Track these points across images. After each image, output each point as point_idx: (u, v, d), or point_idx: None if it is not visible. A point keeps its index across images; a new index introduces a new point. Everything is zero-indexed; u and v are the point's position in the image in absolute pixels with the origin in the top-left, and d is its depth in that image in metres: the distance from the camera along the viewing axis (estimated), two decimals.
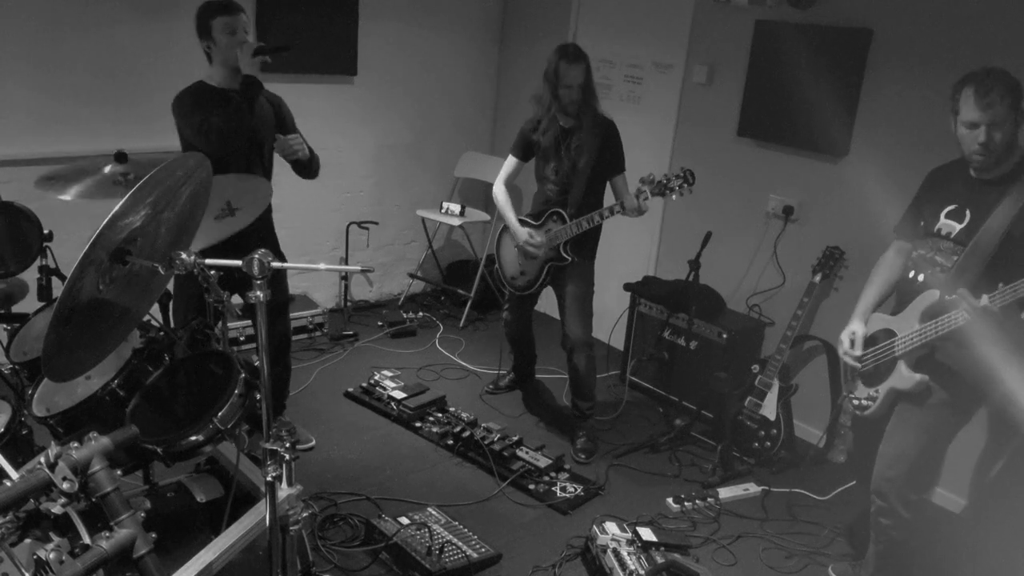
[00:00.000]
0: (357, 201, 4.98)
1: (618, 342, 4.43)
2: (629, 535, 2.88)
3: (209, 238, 2.37)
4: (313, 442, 3.51)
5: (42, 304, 2.79)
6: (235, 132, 2.86)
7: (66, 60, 3.72)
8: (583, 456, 3.63)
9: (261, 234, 3.05)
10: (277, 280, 3.23)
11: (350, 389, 4.01)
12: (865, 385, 2.61)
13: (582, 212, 3.48)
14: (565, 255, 3.55)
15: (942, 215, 2.46)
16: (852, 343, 2.62)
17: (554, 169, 3.54)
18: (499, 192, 3.69)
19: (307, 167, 3.24)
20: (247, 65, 2.87)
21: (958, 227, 2.41)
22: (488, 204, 5.47)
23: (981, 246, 2.31)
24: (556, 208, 3.54)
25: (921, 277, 2.49)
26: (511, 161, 3.67)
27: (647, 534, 2.89)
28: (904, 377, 2.46)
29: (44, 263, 2.90)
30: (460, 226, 5.05)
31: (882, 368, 2.54)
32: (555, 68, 3.36)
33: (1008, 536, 2.89)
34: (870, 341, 2.60)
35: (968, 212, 2.39)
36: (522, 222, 3.64)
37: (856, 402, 2.61)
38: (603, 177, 3.54)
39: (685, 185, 3.33)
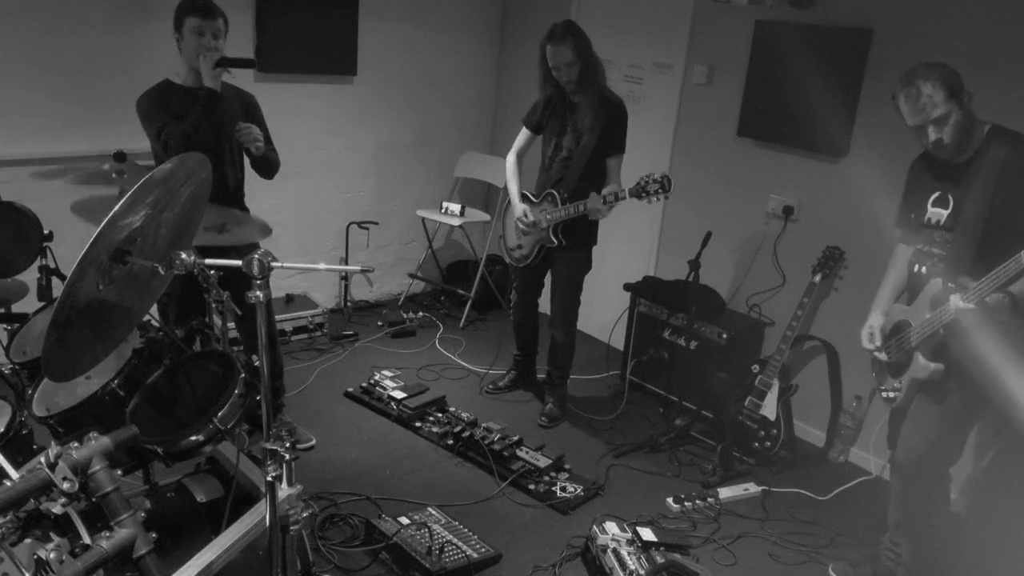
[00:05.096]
0: (357, 201, 4.98)
1: (618, 342, 4.43)
2: (629, 535, 2.88)
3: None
4: (313, 442, 3.51)
5: (42, 304, 2.79)
6: (191, 143, 2.85)
7: (66, 61, 3.72)
8: (545, 420, 3.86)
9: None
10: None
11: (350, 389, 4.01)
12: (892, 377, 2.63)
13: (577, 195, 3.53)
14: (553, 238, 3.62)
15: (929, 204, 2.49)
16: (871, 337, 2.65)
17: (556, 147, 3.62)
18: (509, 163, 3.82)
19: (262, 164, 3.20)
20: (209, 74, 2.88)
21: (945, 214, 2.44)
22: (488, 204, 5.48)
23: (967, 232, 2.34)
24: (554, 188, 3.61)
25: (924, 269, 2.51)
26: (523, 133, 3.78)
27: (647, 534, 2.89)
28: (921, 366, 2.47)
29: (44, 263, 2.90)
30: (460, 226, 5.05)
31: (904, 359, 2.56)
32: (542, 50, 3.46)
33: (1003, 529, 2.90)
34: (895, 330, 2.62)
35: (951, 198, 2.43)
36: (525, 196, 3.74)
37: (884, 394, 2.64)
38: (603, 158, 3.57)
39: (661, 191, 3.35)
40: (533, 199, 3.72)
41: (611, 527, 2.91)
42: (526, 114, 3.76)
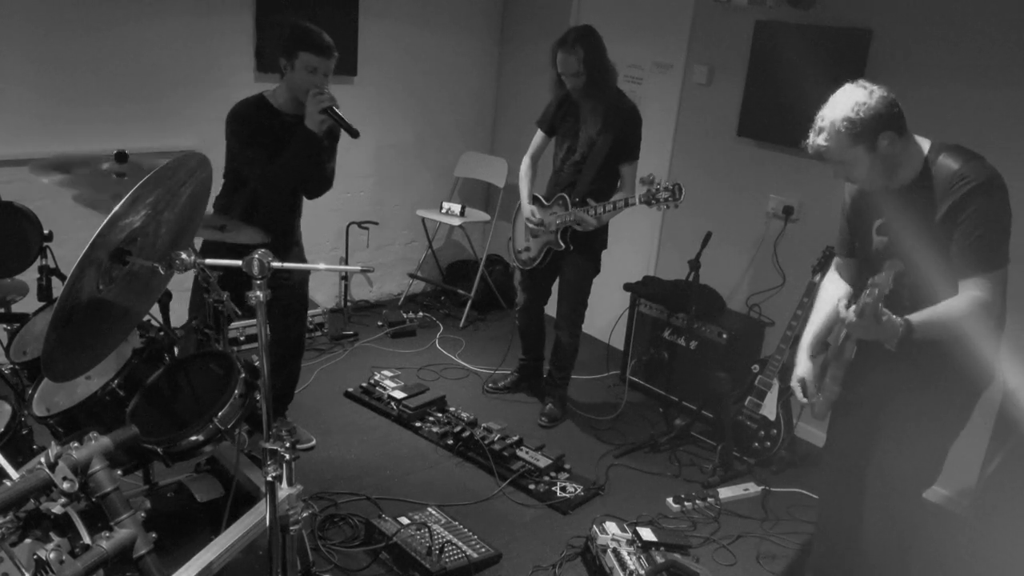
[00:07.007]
0: (357, 201, 4.98)
1: (618, 342, 4.43)
2: (629, 535, 2.88)
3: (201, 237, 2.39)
4: (313, 442, 3.51)
5: (42, 304, 2.79)
6: (280, 181, 2.91)
7: (67, 60, 3.72)
8: (545, 420, 3.88)
9: (282, 244, 3.06)
10: (295, 282, 3.23)
11: (350, 389, 4.01)
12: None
13: (587, 200, 3.53)
14: (561, 242, 3.61)
15: (873, 231, 2.35)
16: (803, 389, 2.53)
17: (568, 151, 3.61)
18: (524, 165, 3.83)
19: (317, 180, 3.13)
20: (314, 117, 2.85)
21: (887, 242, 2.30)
22: (488, 204, 5.48)
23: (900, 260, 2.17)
24: (565, 192, 3.61)
25: None
26: (538, 135, 3.79)
27: (647, 534, 2.89)
28: (826, 386, 2.40)
29: (44, 263, 2.90)
30: (460, 226, 5.05)
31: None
32: (553, 54, 3.46)
33: (1008, 535, 2.90)
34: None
35: (892, 226, 2.29)
36: (536, 199, 3.74)
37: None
38: (616, 164, 3.56)
39: (671, 199, 3.35)
40: (544, 202, 3.71)
41: (611, 527, 2.91)
42: (540, 116, 3.75)
